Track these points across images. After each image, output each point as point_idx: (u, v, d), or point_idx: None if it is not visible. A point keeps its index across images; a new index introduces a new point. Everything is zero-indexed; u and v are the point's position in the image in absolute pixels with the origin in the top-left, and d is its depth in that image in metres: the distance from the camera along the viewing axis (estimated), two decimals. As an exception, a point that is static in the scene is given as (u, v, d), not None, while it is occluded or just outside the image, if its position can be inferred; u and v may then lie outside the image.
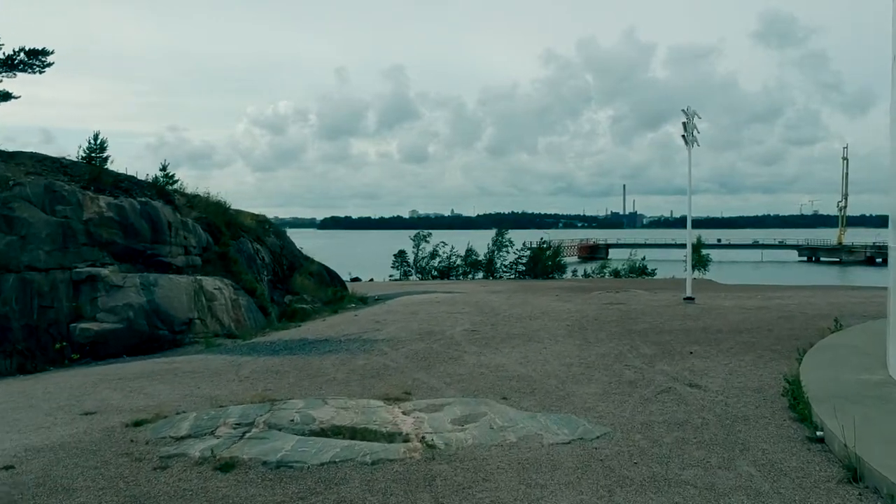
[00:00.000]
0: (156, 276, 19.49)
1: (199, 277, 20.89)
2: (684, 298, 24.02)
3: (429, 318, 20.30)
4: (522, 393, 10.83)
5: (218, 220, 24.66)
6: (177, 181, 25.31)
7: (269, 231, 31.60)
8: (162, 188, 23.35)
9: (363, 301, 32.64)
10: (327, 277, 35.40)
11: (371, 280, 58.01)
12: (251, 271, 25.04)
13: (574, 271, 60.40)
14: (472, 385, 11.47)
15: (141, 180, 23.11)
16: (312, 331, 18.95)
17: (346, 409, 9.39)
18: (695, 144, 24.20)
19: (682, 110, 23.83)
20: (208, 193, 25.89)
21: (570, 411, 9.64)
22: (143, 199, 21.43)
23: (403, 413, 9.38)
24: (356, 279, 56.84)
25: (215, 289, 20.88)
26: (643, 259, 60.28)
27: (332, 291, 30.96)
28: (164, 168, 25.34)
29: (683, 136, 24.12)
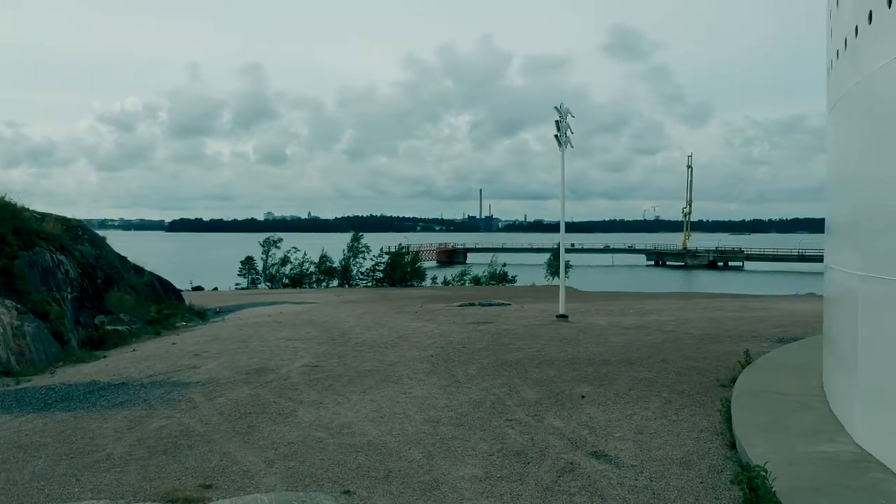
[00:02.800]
0: None
1: (-34, 300, 16.39)
2: (557, 316, 21.75)
3: (262, 347, 16.77)
4: (373, 479, 7.72)
5: (3, 226, 19.91)
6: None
7: (81, 238, 26.81)
8: (-77, 188, 18.35)
9: (201, 315, 28.69)
10: (159, 289, 31.00)
11: (216, 289, 53.26)
12: (48, 289, 20.48)
13: (434, 279, 57.96)
14: (305, 464, 8.25)
15: None
16: (112, 368, 14.98)
17: (94, 536, 5.95)
18: (568, 146, 21.96)
19: (556, 108, 21.53)
20: (-7, 195, 20.94)
21: (442, 516, 6.66)
22: None
23: (188, 537, 6.06)
24: (198, 288, 51.91)
25: (-11, 314, 16.44)
26: (503, 266, 59.02)
27: (158, 309, 26.64)
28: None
29: (556, 135, 21.83)
